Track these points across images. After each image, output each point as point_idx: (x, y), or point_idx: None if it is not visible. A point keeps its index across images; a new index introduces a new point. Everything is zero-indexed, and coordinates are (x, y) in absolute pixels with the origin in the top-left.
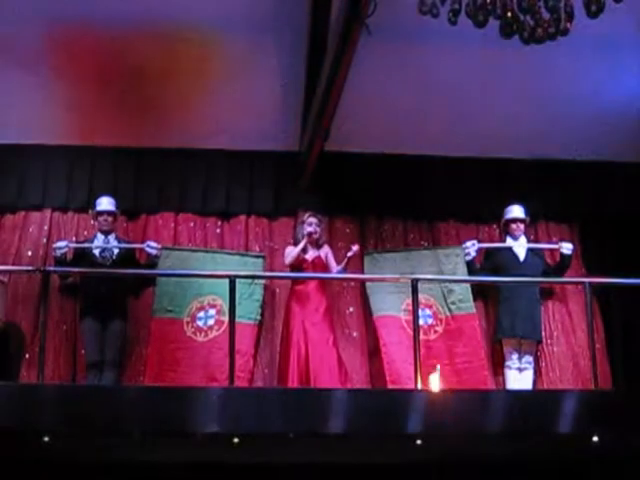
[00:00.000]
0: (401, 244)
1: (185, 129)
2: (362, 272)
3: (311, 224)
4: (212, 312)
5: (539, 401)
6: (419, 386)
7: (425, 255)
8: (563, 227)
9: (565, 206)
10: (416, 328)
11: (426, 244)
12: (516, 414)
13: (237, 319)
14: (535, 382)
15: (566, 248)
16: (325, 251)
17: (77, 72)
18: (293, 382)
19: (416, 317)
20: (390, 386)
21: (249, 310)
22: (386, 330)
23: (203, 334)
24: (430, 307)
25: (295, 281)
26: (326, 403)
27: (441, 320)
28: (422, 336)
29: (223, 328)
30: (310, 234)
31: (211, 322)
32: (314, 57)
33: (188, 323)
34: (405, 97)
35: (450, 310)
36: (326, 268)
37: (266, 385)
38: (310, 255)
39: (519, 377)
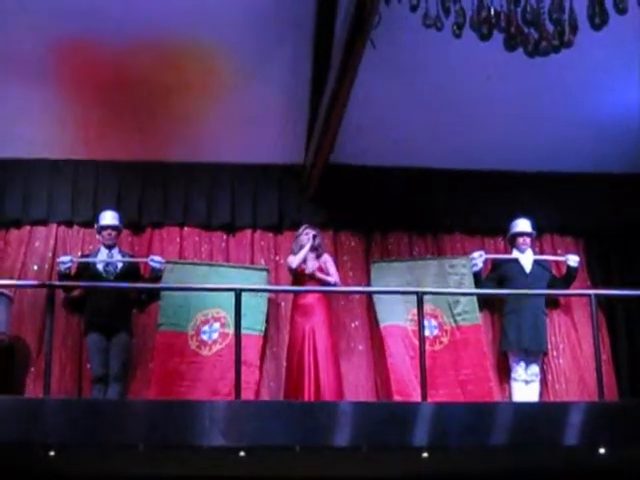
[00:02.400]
0: (407, 257)
1: (189, 143)
2: (366, 280)
3: (308, 233)
4: (216, 325)
5: (545, 413)
6: (425, 398)
7: (432, 265)
8: (568, 240)
9: (570, 219)
10: (422, 341)
11: (431, 256)
12: (522, 426)
13: (244, 330)
14: (541, 394)
15: (573, 260)
16: (325, 260)
17: (81, 86)
18: (310, 395)
19: (422, 329)
20: (396, 397)
21: (254, 321)
22: (392, 340)
23: (207, 348)
24: (436, 317)
25: (298, 294)
26: (332, 416)
27: (447, 331)
28: (427, 347)
29: (227, 341)
30: (314, 237)
31: (215, 336)
32: (319, 69)
33: (192, 337)
34: (410, 110)
35: (456, 321)
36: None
37: (272, 398)
38: (311, 267)
39: (525, 389)
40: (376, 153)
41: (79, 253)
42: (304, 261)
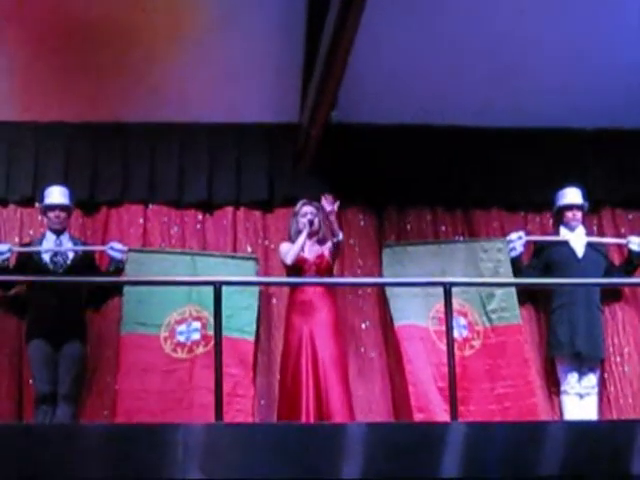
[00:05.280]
0: (430, 238)
1: (156, 99)
2: (380, 270)
3: (306, 214)
4: (196, 325)
5: (608, 434)
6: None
7: (459, 249)
8: (634, 214)
9: (636, 188)
10: (451, 344)
11: (461, 238)
12: (579, 451)
13: (230, 333)
14: (601, 411)
15: (635, 243)
16: (330, 247)
17: (17, 31)
18: (308, 415)
19: (450, 330)
20: (417, 415)
21: (242, 322)
22: (410, 343)
23: (186, 350)
24: (465, 315)
25: (294, 288)
26: (339, 441)
27: (478, 332)
28: (455, 352)
29: (211, 344)
30: (311, 222)
31: (196, 336)
32: (316, 5)
33: (166, 339)
34: (429, 54)
35: (490, 320)
36: (331, 268)
37: (263, 420)
38: (311, 253)
39: (580, 405)
40: (388, 109)
41: (17, 239)
42: (302, 249)
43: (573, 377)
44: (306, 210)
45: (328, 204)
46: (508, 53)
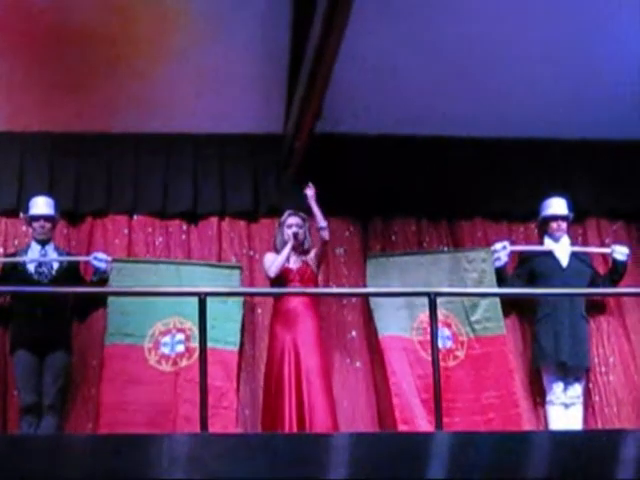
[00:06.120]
0: (414, 249)
1: (140, 110)
2: (364, 281)
3: (291, 225)
4: (180, 337)
5: (592, 443)
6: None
7: (443, 260)
8: (618, 225)
9: (621, 198)
10: (436, 355)
11: (446, 249)
12: (564, 460)
13: (214, 344)
14: (586, 421)
15: (620, 253)
16: (312, 257)
17: (1, 41)
18: (291, 427)
19: (435, 340)
20: (401, 426)
21: (226, 333)
22: (394, 354)
23: (170, 362)
24: (449, 326)
25: (278, 298)
26: (324, 452)
27: (462, 343)
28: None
29: (195, 357)
30: (296, 235)
31: (180, 348)
32: (301, 15)
33: (150, 350)
34: (415, 63)
35: (474, 330)
36: (316, 278)
37: (248, 430)
38: (295, 263)
39: (565, 414)
40: (374, 119)
41: (1, 250)
42: (287, 260)
43: (559, 387)
44: (292, 222)
45: (309, 190)
46: (494, 65)
